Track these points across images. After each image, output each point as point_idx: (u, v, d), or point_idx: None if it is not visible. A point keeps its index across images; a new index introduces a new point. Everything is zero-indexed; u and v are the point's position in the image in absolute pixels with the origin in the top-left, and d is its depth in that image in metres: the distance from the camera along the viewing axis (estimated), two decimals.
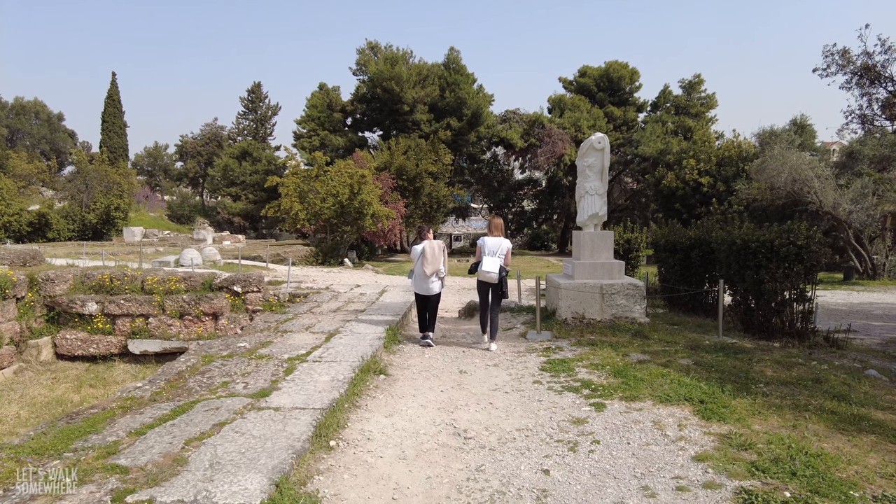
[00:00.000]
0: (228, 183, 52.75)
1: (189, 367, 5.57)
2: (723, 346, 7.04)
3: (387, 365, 6.05)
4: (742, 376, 5.57)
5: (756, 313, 7.83)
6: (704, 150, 34.01)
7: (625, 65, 43.24)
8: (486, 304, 7.10)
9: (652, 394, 4.98)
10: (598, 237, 8.57)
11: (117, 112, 54.18)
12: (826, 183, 21.21)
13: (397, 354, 6.63)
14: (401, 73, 36.45)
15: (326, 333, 7.07)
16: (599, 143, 8.50)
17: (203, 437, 3.64)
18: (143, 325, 11.43)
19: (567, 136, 38.22)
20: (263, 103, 63.46)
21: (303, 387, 4.79)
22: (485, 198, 45.01)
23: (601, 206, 8.57)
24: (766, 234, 7.62)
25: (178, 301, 11.37)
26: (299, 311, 8.94)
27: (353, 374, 5.16)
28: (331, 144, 38.09)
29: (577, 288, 8.19)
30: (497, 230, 7.08)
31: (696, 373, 5.72)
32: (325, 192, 21.79)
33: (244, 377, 5.15)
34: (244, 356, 5.95)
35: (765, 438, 3.91)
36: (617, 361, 6.16)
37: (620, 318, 8.23)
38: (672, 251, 10.03)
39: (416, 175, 30.08)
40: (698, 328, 8.58)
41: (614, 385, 5.27)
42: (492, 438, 4.04)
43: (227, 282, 11.43)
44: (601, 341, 7.17)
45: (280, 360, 5.77)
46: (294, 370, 5.34)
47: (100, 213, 36.01)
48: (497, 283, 6.83)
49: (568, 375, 5.67)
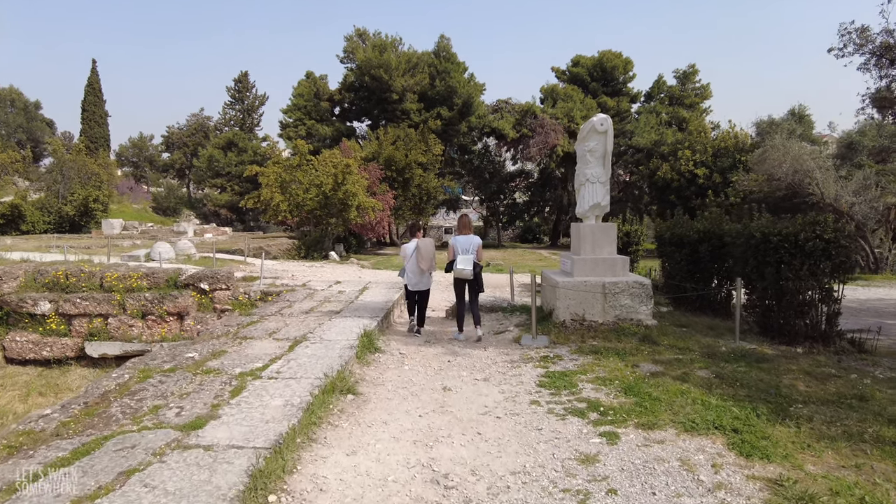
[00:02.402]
0: (213, 174, 51.44)
1: (119, 385, 4.65)
2: (743, 354, 6.22)
3: (358, 380, 5.16)
4: (773, 393, 4.74)
5: (776, 314, 7.01)
6: (700, 140, 33.27)
7: (618, 54, 42.35)
8: (464, 300, 7.28)
9: (673, 419, 4.13)
10: (599, 230, 7.71)
11: (98, 101, 52.52)
12: (827, 174, 20.51)
13: (372, 366, 5.73)
14: (389, 61, 35.34)
15: (292, 340, 6.16)
16: (602, 126, 7.61)
17: (97, 495, 2.75)
18: (101, 326, 10.46)
19: (560, 126, 37.34)
20: (251, 93, 61.94)
21: (248, 414, 3.90)
22: (476, 190, 44.02)
23: (603, 194, 7.69)
24: (788, 226, 6.79)
25: (140, 300, 10.40)
26: (267, 313, 8.01)
27: (314, 396, 4.27)
28: (317, 134, 36.94)
29: (577, 287, 7.34)
30: (466, 228, 7.25)
31: (719, 389, 4.89)
32: (307, 182, 20.77)
33: (181, 399, 4.25)
34: (189, 370, 5.04)
35: (826, 486, 3.07)
36: (626, 374, 5.31)
37: (625, 319, 7.39)
38: (678, 245, 9.19)
39: (406, 166, 29.08)
40: (710, 331, 7.76)
41: (627, 406, 4.42)
42: (479, 487, 3.17)
43: (193, 279, 10.47)
44: (605, 348, 6.32)
45: (230, 375, 4.87)
46: (243, 390, 4.44)
47: (77, 204, 34.67)
48: (473, 278, 7.03)
49: (571, 393, 4.81)
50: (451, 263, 7.06)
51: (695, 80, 44.52)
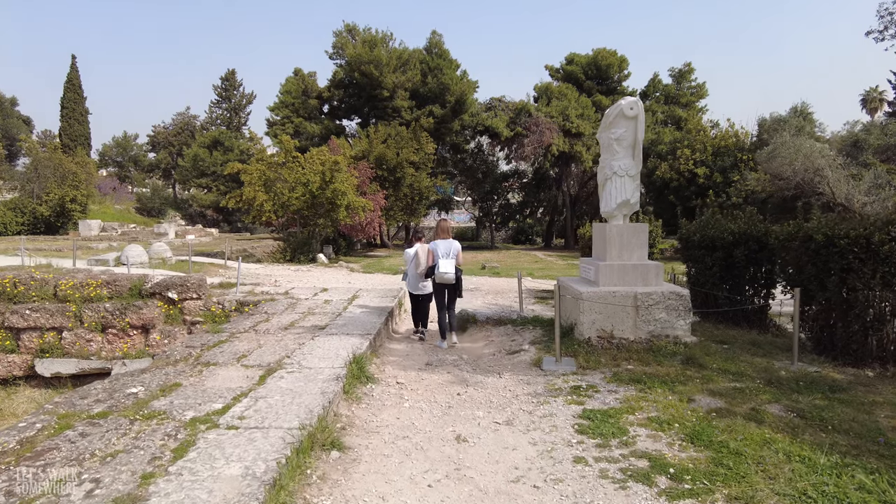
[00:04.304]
0: (199, 174, 49.86)
1: (22, 441, 3.47)
2: (811, 380, 5.16)
3: (345, 426, 4.01)
4: (883, 442, 3.68)
5: (841, 331, 5.97)
6: (699, 139, 32.41)
7: (613, 52, 41.48)
8: (443, 304, 7.24)
9: (775, 488, 3.04)
10: (629, 231, 6.62)
11: (78, 98, 50.71)
12: (838, 173, 19.65)
13: (363, 403, 4.57)
14: (380, 57, 34.13)
15: (264, 368, 5.00)
16: (632, 110, 6.53)
17: None
18: (55, 341, 9.21)
19: (554, 125, 36.35)
20: (238, 91, 60.44)
21: (190, 493, 2.75)
22: (469, 190, 42.92)
23: (633, 190, 6.61)
24: (857, 227, 5.75)
25: (99, 311, 9.17)
26: (239, 329, 6.82)
27: (286, 458, 3.13)
28: (306, 132, 35.64)
29: (604, 297, 6.24)
30: (445, 233, 7.29)
31: (808, 434, 3.81)
32: (293, 180, 19.52)
33: (102, 465, 3.09)
34: (126, 414, 3.88)
35: None
36: (684, 413, 4.22)
37: (659, 336, 6.31)
38: (709, 248, 8.12)
39: (397, 165, 27.90)
40: (754, 347, 6.70)
41: (703, 466, 3.32)
42: None
43: (160, 287, 9.25)
44: (646, 374, 5.24)
45: (178, 423, 3.71)
46: (191, 447, 3.29)
47: (53, 205, 33.13)
48: (454, 283, 7.07)
49: (623, 444, 3.71)
50: (432, 268, 7.07)
51: (691, 79, 43.75)
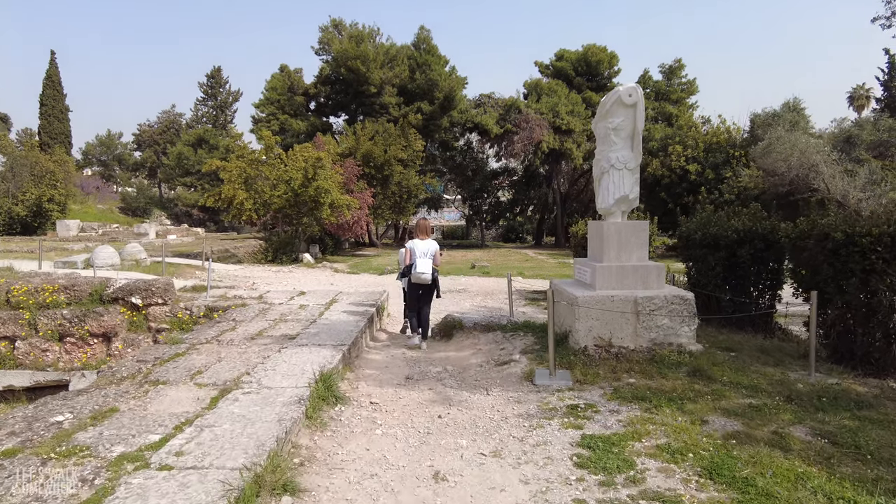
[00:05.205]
0: (183, 172, 48.92)
1: None
2: (833, 395, 4.63)
3: (305, 461, 3.41)
4: None
5: (861, 338, 5.45)
6: (691, 136, 32.08)
7: (603, 48, 41.09)
8: (416, 305, 7.16)
9: None
10: (628, 229, 6.06)
11: (58, 95, 49.53)
12: (834, 169, 19.30)
13: (329, 429, 3.96)
14: (367, 52, 33.45)
15: (219, 388, 4.39)
16: (630, 97, 5.97)
17: None
18: (7, 352, 8.51)
19: (545, 122, 35.88)
20: (224, 89, 59.59)
21: None
22: (458, 188, 42.34)
23: (632, 185, 6.05)
24: (880, 224, 5.23)
25: (55, 318, 8.49)
26: (200, 340, 6.18)
27: None
28: (291, 129, 34.87)
29: (602, 302, 5.69)
30: (424, 232, 7.21)
31: (844, 466, 3.28)
32: (275, 177, 18.83)
33: None
34: (40, 451, 3.25)
35: None
36: (698, 439, 3.67)
37: (662, 344, 5.76)
38: (712, 247, 7.59)
39: (385, 162, 27.24)
40: (763, 354, 6.17)
41: None
42: None
43: (123, 291, 8.58)
44: (650, 390, 4.68)
45: (101, 462, 3.09)
46: (107, 497, 2.68)
47: (30, 204, 32.18)
48: (431, 283, 7.00)
49: (630, 480, 3.14)
50: (409, 268, 6.95)
51: (681, 75, 43.48)
